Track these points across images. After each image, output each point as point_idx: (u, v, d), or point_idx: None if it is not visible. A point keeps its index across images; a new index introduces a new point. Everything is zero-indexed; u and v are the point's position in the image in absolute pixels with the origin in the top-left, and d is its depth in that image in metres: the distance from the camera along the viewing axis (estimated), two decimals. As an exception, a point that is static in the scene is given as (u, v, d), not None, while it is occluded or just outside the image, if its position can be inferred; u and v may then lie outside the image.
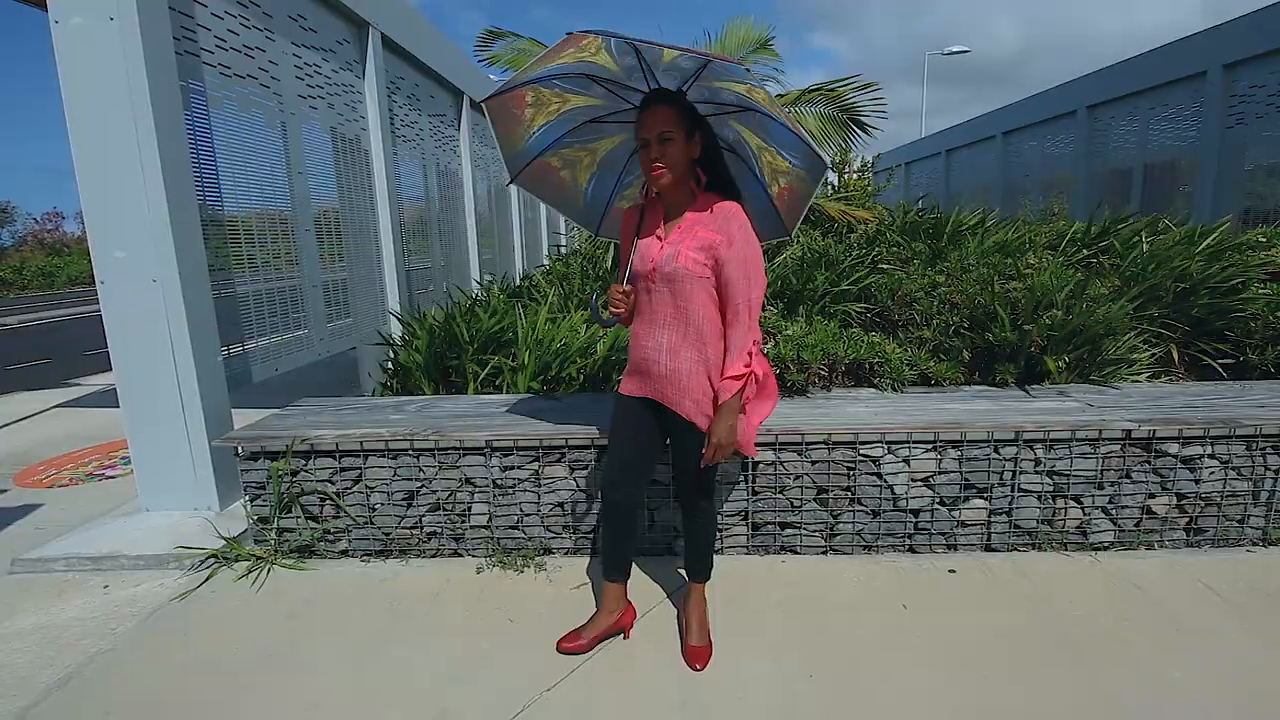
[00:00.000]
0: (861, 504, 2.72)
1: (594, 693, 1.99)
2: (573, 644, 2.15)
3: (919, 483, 2.70)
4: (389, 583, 2.64)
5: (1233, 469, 2.69)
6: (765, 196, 2.23)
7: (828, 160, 2.05)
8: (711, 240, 1.91)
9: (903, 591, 2.49)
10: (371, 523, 2.80)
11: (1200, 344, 3.75)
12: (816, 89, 5.91)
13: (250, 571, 2.71)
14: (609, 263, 5.50)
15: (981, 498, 2.71)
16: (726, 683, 2.03)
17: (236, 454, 2.79)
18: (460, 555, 2.81)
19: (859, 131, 5.90)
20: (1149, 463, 2.68)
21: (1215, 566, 2.60)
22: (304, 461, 2.77)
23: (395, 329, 5.22)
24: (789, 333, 3.34)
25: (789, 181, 2.16)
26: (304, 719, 1.93)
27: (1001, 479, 2.69)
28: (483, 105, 2.16)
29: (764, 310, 3.77)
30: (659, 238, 2.00)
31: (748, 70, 1.83)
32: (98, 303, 2.99)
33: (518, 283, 6.02)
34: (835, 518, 2.74)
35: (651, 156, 1.89)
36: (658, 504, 2.74)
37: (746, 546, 2.78)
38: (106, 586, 2.68)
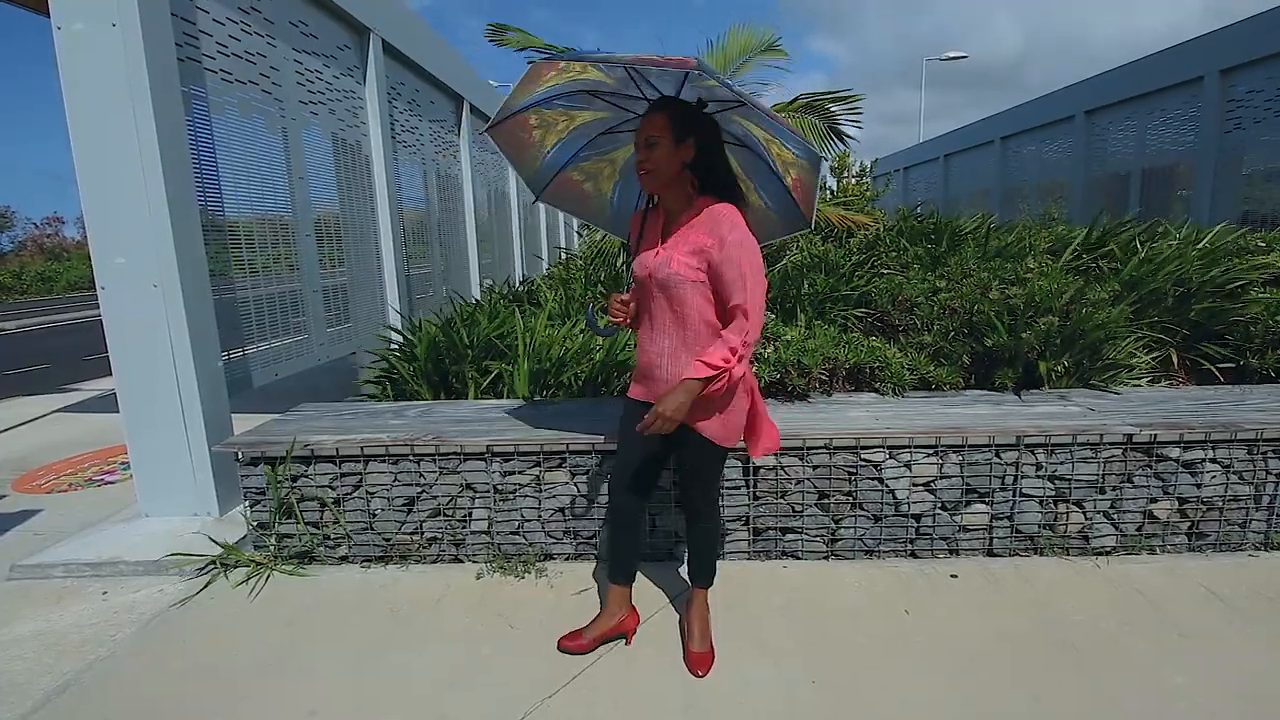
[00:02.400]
0: (863, 509, 2.71)
1: (595, 699, 1.99)
2: (573, 643, 2.18)
3: (920, 487, 2.69)
4: (389, 588, 2.63)
5: (1234, 473, 2.69)
6: (782, 187, 2.23)
7: (818, 151, 2.09)
8: (703, 244, 1.89)
9: (905, 597, 2.48)
10: (372, 528, 2.79)
11: (1200, 348, 3.75)
12: (800, 100, 6.02)
13: (250, 578, 2.71)
14: (605, 268, 5.51)
15: (983, 502, 2.71)
16: (728, 688, 2.02)
17: (236, 459, 2.78)
18: (461, 561, 2.81)
19: (838, 140, 6.02)
20: (1150, 467, 2.67)
21: (1217, 571, 2.59)
22: (304, 467, 2.76)
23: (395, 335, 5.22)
24: (789, 337, 3.34)
25: (798, 172, 2.16)
26: (304, 726, 1.92)
27: (1003, 483, 2.69)
28: (488, 134, 2.24)
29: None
30: (657, 244, 2.03)
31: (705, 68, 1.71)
32: (97, 308, 2.99)
33: (517, 287, 6.03)
34: (837, 523, 2.73)
35: (638, 160, 1.96)
36: (659, 509, 2.73)
37: (748, 552, 2.77)
38: (105, 593, 2.67)
